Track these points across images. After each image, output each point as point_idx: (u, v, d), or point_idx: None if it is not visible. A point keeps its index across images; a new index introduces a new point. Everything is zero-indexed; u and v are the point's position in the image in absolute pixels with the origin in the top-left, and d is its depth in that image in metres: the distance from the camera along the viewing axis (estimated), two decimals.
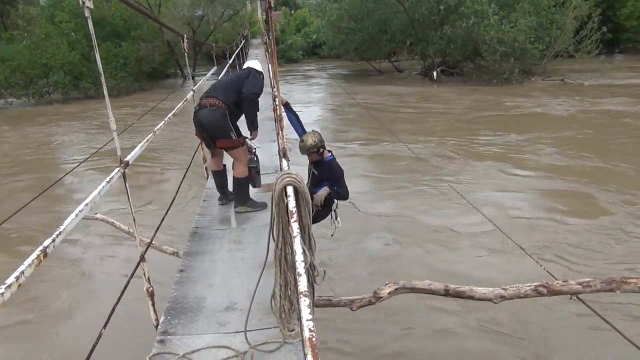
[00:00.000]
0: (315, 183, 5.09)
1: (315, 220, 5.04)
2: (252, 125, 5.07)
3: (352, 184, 8.47)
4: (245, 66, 5.42)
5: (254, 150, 5.55)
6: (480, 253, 7.38)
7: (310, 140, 4.85)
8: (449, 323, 5.78)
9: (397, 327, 5.75)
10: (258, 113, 5.12)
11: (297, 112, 5.43)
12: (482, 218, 6.49)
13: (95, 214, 6.42)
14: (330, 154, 5.04)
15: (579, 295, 4.18)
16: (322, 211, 5.09)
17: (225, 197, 5.34)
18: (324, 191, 4.90)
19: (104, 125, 17.93)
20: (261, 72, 5.27)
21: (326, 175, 5.00)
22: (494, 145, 13.33)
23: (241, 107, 4.98)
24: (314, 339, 1.37)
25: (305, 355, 1.34)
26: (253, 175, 5.34)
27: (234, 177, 5.09)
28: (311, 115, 18.70)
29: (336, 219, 5.28)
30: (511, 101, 19.67)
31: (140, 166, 12.19)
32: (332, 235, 5.41)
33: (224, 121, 4.82)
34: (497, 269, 6.80)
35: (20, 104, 26.79)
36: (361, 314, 4.69)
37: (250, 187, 5.30)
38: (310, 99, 23.55)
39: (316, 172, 5.06)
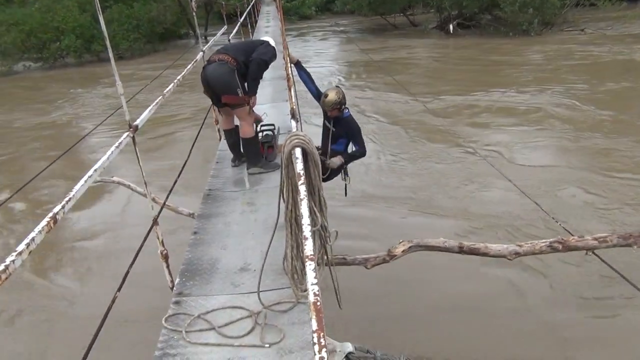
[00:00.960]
0: (333, 139, 5.05)
1: (328, 178, 5.03)
2: (252, 91, 4.90)
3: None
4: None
5: (272, 129, 5.56)
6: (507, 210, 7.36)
7: (335, 96, 4.78)
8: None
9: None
10: (270, 72, 5.05)
11: (309, 71, 5.35)
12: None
13: (112, 177, 6.47)
14: (347, 110, 4.97)
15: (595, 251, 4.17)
16: (334, 169, 5.07)
17: (237, 158, 5.33)
18: (338, 160, 4.85)
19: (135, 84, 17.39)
20: (274, 48, 5.14)
21: (344, 131, 4.96)
22: (597, 94, 13.00)
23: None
24: (318, 303, 1.38)
25: (310, 318, 1.35)
26: (264, 149, 5.32)
27: (242, 138, 5.05)
28: (326, 72, 18.48)
29: (347, 175, 5.26)
30: (581, 50, 19.01)
31: (152, 129, 12.21)
32: (345, 195, 5.40)
33: (230, 76, 4.69)
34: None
35: (37, 68, 26.83)
36: None
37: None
38: (323, 55, 23.20)
39: (334, 129, 5.01)
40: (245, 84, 4.85)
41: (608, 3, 23.56)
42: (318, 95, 5.04)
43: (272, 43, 5.15)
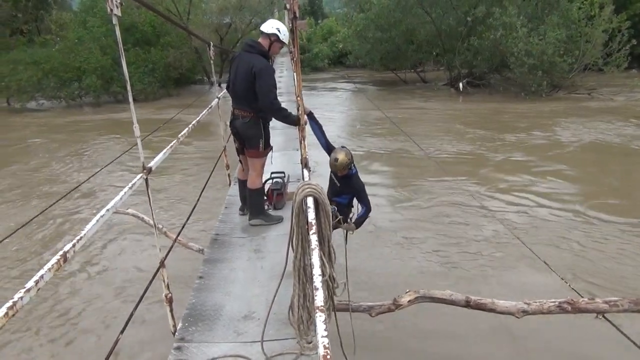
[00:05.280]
0: (336, 194, 5.06)
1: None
2: (293, 123, 4.81)
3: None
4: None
5: (282, 176, 5.69)
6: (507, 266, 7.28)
7: (345, 158, 4.76)
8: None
9: None
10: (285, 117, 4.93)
11: (320, 123, 5.40)
12: None
13: (127, 209, 6.49)
14: (354, 167, 5.00)
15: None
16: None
17: (245, 206, 5.36)
18: (352, 226, 4.90)
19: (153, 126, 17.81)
20: (272, 35, 4.82)
21: (348, 189, 4.97)
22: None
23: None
24: (328, 356, 1.35)
25: None
26: (273, 197, 5.38)
27: (247, 188, 5.09)
28: (335, 124, 18.72)
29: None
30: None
31: (165, 171, 12.35)
32: (346, 245, 5.33)
33: (256, 130, 4.87)
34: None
35: (51, 107, 27.32)
36: None
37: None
38: (335, 107, 23.55)
39: (338, 184, 5.03)
40: (269, 137, 5.03)
41: (615, 69, 23.93)
42: (328, 148, 5.06)
43: (267, 29, 4.85)
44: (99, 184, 11.79)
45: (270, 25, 4.86)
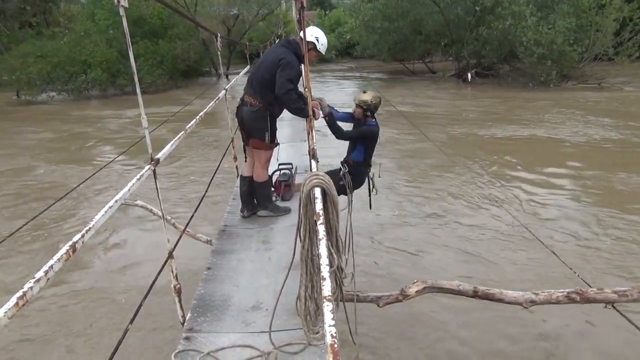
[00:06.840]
0: (351, 145, 5.12)
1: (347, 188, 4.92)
2: (304, 116, 4.71)
3: None
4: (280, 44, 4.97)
5: (290, 167, 5.72)
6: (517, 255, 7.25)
7: (368, 98, 4.87)
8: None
9: None
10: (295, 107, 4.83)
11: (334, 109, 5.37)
12: None
13: (136, 200, 6.50)
14: (374, 121, 5.00)
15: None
16: (355, 179, 4.98)
17: (246, 208, 5.16)
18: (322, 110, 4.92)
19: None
20: (309, 43, 4.65)
21: (356, 133, 5.05)
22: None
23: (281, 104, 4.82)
24: (336, 346, 1.35)
25: None
26: (281, 188, 5.38)
27: (253, 181, 5.04)
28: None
29: (374, 187, 5.27)
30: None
31: (173, 162, 12.40)
32: (370, 208, 5.36)
33: (262, 122, 4.77)
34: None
35: (61, 99, 27.45)
36: None
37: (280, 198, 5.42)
38: (344, 100, 23.49)
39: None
40: (275, 132, 4.95)
41: (626, 59, 23.65)
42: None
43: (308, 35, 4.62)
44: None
45: (310, 33, 4.81)
